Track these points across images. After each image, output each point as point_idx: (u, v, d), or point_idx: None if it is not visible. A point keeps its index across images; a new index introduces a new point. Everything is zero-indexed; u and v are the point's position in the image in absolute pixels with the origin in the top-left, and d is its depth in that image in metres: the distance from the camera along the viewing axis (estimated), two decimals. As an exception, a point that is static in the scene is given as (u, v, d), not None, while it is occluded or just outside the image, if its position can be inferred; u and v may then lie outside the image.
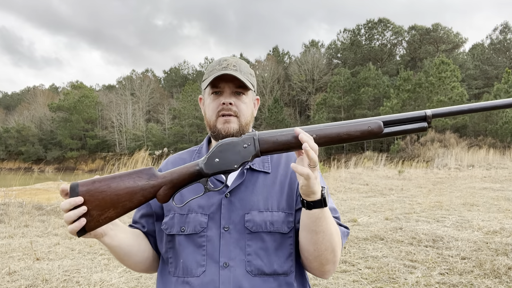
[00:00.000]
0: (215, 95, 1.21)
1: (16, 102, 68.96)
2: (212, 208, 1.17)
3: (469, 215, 6.71)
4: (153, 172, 1.04)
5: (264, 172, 1.22)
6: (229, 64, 1.21)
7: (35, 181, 16.23)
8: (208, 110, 1.24)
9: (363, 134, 1.02)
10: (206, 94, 1.26)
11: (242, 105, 1.22)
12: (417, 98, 31.21)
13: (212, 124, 1.22)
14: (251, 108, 1.27)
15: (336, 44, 51.43)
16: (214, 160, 1.03)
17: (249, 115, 1.25)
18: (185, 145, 42.17)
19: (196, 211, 1.17)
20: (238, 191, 1.17)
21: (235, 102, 1.20)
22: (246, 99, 1.24)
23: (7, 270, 4.05)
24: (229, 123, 1.19)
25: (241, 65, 1.23)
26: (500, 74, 34.73)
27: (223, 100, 1.19)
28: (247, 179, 1.20)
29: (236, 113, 1.20)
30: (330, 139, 1.02)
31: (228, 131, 1.19)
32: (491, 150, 21.62)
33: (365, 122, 1.03)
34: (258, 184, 1.19)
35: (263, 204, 1.16)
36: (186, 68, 64.01)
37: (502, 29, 43.55)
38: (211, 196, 1.18)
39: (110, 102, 52.97)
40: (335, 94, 36.79)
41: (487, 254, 4.42)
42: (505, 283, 3.59)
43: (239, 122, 1.21)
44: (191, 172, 1.04)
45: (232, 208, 1.15)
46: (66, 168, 44.99)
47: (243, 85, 1.20)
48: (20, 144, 51.63)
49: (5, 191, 8.20)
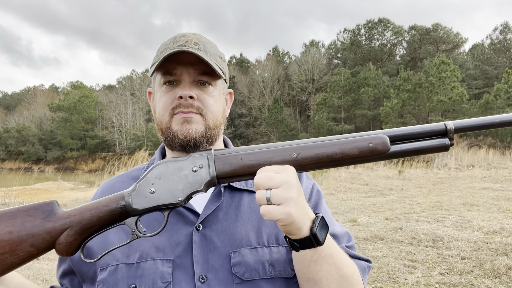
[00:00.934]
0: (169, 86, 0.85)
1: (16, 102, 68.96)
2: (178, 249, 0.80)
3: (469, 215, 6.71)
4: (52, 208, 0.71)
5: (249, 191, 0.90)
6: (188, 41, 0.83)
7: (35, 181, 16.23)
8: (159, 106, 0.87)
9: (363, 153, 0.76)
10: (157, 84, 0.89)
11: (209, 99, 0.86)
12: (417, 98, 31.18)
13: (164, 126, 0.86)
14: (221, 104, 0.91)
15: (336, 44, 51.42)
16: (147, 189, 0.71)
17: (219, 113, 0.89)
18: (185, 145, 42.12)
19: (153, 257, 0.79)
20: (215, 220, 0.83)
21: (198, 95, 0.85)
22: (214, 91, 0.88)
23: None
24: (190, 123, 0.84)
25: (206, 44, 0.87)
26: (500, 74, 34.72)
27: (180, 93, 0.83)
28: (226, 202, 0.86)
29: (199, 109, 0.85)
30: (317, 160, 0.75)
31: (189, 134, 0.83)
32: (491, 150, 21.60)
33: (365, 137, 0.77)
34: (243, 207, 0.86)
35: (256, 236, 0.83)
36: (186, 68, 63.99)
37: (502, 29, 43.53)
38: (174, 230, 0.82)
39: (110, 102, 52.96)
40: (335, 94, 36.77)
41: (487, 254, 4.42)
42: (505, 283, 3.59)
43: (205, 122, 0.86)
44: (111, 210, 0.70)
45: (209, 247, 0.80)
46: (66, 168, 45.00)
47: (209, 70, 0.84)
48: (20, 144, 51.61)
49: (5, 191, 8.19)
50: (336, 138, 0.77)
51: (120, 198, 0.71)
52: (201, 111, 0.85)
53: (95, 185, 10.64)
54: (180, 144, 0.85)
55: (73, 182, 15.18)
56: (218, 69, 0.84)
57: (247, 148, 0.76)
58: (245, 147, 0.78)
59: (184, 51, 0.80)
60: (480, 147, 23.78)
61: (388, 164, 20.14)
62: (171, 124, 0.85)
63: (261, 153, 0.74)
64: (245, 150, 0.75)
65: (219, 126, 0.90)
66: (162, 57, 0.81)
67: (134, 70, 75.38)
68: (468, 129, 0.81)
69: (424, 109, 31.14)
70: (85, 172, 41.76)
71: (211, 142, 0.88)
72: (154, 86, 0.92)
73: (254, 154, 0.74)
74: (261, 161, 0.73)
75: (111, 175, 10.09)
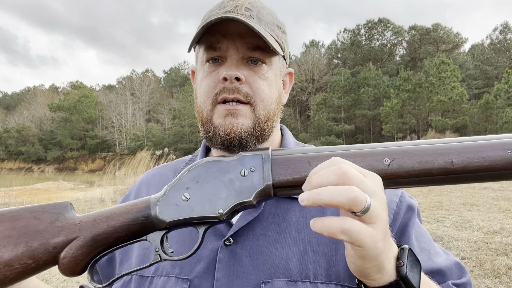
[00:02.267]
0: (213, 65, 0.68)
1: (16, 102, 69.02)
2: (199, 267, 0.64)
3: (469, 215, 6.71)
4: (62, 211, 0.57)
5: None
6: (238, 6, 0.66)
7: (35, 181, 16.25)
8: (200, 90, 0.70)
9: (496, 165, 0.51)
10: (199, 62, 0.72)
11: (260, 83, 0.68)
12: (417, 98, 31.22)
13: (205, 117, 0.69)
14: (276, 89, 0.72)
15: (336, 44, 51.45)
16: (179, 195, 0.55)
17: (272, 100, 0.70)
18: (185, 145, 42.20)
19: (168, 272, 0.65)
20: (251, 235, 0.65)
21: (246, 77, 0.66)
22: (268, 72, 0.69)
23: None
24: (236, 116, 0.66)
25: (261, 10, 0.69)
26: (500, 74, 34.74)
27: (224, 73, 0.65)
28: (269, 212, 0.67)
29: (248, 97, 0.66)
30: (421, 172, 0.52)
31: (233, 130, 0.66)
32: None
33: (498, 141, 0.53)
34: (289, 222, 0.66)
35: (298, 265, 0.62)
36: (186, 68, 64.09)
37: (502, 29, 43.55)
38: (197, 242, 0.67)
39: (110, 102, 53.00)
40: (335, 94, 36.78)
41: (487, 254, 4.42)
42: (505, 283, 3.59)
43: (254, 114, 0.68)
44: (133, 220, 0.55)
45: (237, 270, 0.62)
46: (66, 168, 45.04)
47: (263, 44, 0.65)
48: (20, 144, 51.65)
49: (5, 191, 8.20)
50: (449, 142, 0.54)
51: (146, 205, 0.55)
52: (249, 98, 0.66)
53: (95, 185, 10.64)
54: (221, 142, 0.67)
55: (73, 182, 15.19)
56: (275, 43, 0.66)
57: (317, 149, 0.56)
58: (314, 147, 0.60)
59: (230, 18, 0.61)
60: (480, 147, 23.78)
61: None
62: (213, 115, 0.68)
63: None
64: (315, 151, 0.55)
65: (273, 118, 0.71)
66: (203, 25, 0.63)
67: (134, 70, 75.58)
68: None
69: (424, 109, 31.16)
70: (85, 172, 41.79)
71: (261, 139, 0.69)
72: (196, 64, 0.75)
73: (328, 158, 0.51)
74: None
75: (111, 175, 10.09)
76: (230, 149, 0.68)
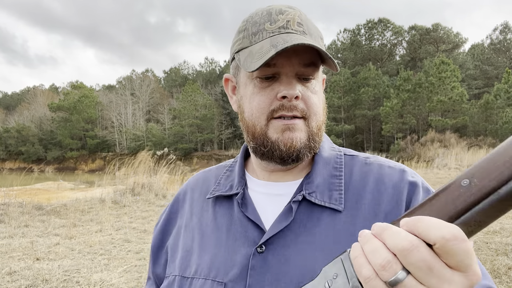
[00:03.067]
0: (265, 81, 0.67)
1: (16, 102, 69.03)
2: (233, 271, 0.66)
3: (469, 215, 6.72)
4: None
5: (331, 209, 0.67)
6: (289, 20, 0.66)
7: (35, 181, 16.26)
8: (251, 105, 0.69)
9: None
10: (244, 76, 0.71)
11: (313, 98, 0.69)
12: (417, 98, 31.23)
13: (258, 132, 0.69)
14: (323, 100, 0.73)
15: (336, 44, 51.46)
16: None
17: (321, 112, 0.72)
18: (185, 145, 42.24)
19: (206, 275, 0.68)
20: (282, 243, 0.66)
21: (302, 94, 0.67)
22: (316, 86, 0.70)
23: (7, 270, 4.05)
24: (294, 131, 0.67)
25: (308, 23, 0.69)
26: (500, 74, 34.75)
27: (284, 92, 0.65)
28: (300, 220, 0.67)
29: (303, 112, 0.67)
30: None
31: (293, 145, 0.67)
32: (491, 150, 21.63)
33: None
34: (321, 231, 0.66)
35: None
36: (186, 68, 64.14)
37: (502, 29, 43.57)
38: (233, 247, 0.69)
39: (110, 102, 53.01)
40: (335, 94, 36.80)
41: (487, 254, 4.42)
42: (505, 283, 3.59)
43: (308, 127, 0.69)
44: None
45: (268, 277, 0.64)
46: (66, 168, 45.07)
47: (315, 60, 0.66)
48: (20, 144, 51.66)
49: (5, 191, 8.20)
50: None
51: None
52: (304, 114, 0.67)
53: (95, 185, 10.64)
54: (281, 156, 0.68)
55: (73, 182, 15.20)
56: (328, 55, 0.64)
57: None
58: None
59: (297, 44, 0.60)
60: (480, 147, 23.81)
61: (388, 164, 20.16)
62: (268, 130, 0.68)
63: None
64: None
65: (322, 127, 0.72)
66: (270, 53, 0.61)
67: (134, 70, 75.62)
68: None
69: (424, 109, 31.17)
70: (85, 172, 41.80)
71: (314, 149, 0.71)
72: (238, 75, 0.73)
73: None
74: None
75: (111, 175, 10.09)
76: (286, 161, 0.69)
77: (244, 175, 0.78)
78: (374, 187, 0.69)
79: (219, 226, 0.72)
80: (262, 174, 0.76)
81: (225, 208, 0.74)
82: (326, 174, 0.72)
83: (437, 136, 28.25)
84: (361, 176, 0.71)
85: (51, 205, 7.57)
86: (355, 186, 0.70)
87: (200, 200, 0.81)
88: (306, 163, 0.76)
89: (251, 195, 0.73)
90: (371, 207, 0.67)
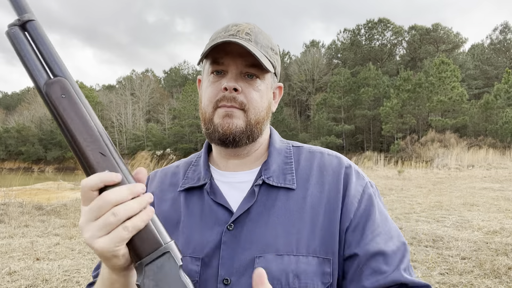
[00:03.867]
0: (216, 76, 0.83)
1: (16, 102, 68.98)
2: (208, 247, 0.78)
3: (469, 215, 6.71)
4: None
5: (286, 188, 0.83)
6: (240, 30, 0.81)
7: (35, 181, 16.24)
8: (204, 96, 0.85)
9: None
10: (205, 73, 0.88)
11: (254, 94, 0.82)
12: (417, 98, 31.20)
13: (207, 118, 0.84)
14: (267, 99, 0.86)
15: (336, 44, 51.46)
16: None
17: (262, 108, 0.85)
18: (185, 145, 42.19)
19: (184, 252, 0.79)
20: (247, 221, 0.79)
21: (242, 88, 0.81)
22: (260, 85, 0.84)
23: (7, 270, 4.05)
24: (231, 117, 0.81)
25: (258, 35, 0.83)
26: (500, 74, 34.74)
27: (225, 84, 0.80)
28: (261, 201, 0.81)
29: (242, 105, 0.81)
30: None
31: (229, 128, 0.81)
32: (491, 150, 21.63)
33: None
34: (276, 208, 0.80)
35: (284, 242, 0.76)
36: (186, 68, 64.13)
37: (502, 29, 43.56)
38: (206, 227, 0.80)
39: (110, 102, 53.00)
40: (335, 94, 36.78)
41: (487, 254, 4.42)
42: (505, 283, 3.59)
43: (246, 118, 0.82)
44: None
45: (237, 249, 0.77)
46: (66, 168, 45.01)
47: (257, 63, 0.80)
48: (20, 144, 51.64)
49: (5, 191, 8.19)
50: None
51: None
52: (243, 106, 0.81)
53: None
54: (219, 138, 0.82)
55: (73, 182, 15.18)
56: (267, 62, 0.81)
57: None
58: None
59: (232, 42, 0.77)
60: (480, 147, 23.80)
61: (388, 164, 20.14)
62: (214, 116, 0.82)
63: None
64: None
65: (262, 122, 0.85)
66: (211, 45, 0.78)
67: (134, 70, 75.59)
68: None
69: (424, 109, 31.15)
70: (85, 172, 41.68)
71: (252, 138, 0.84)
72: (203, 74, 0.90)
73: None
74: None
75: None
76: (226, 144, 0.83)
77: (209, 167, 0.90)
78: (318, 170, 0.85)
79: (192, 213, 0.84)
80: (221, 163, 0.89)
81: (196, 197, 0.86)
82: (280, 162, 0.87)
83: (437, 136, 28.22)
84: (307, 162, 0.87)
85: (51, 205, 7.57)
86: (303, 170, 0.86)
87: (170, 190, 0.91)
88: (257, 155, 0.90)
89: (218, 184, 0.85)
90: (317, 186, 0.83)
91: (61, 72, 0.60)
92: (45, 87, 0.58)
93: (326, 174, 0.85)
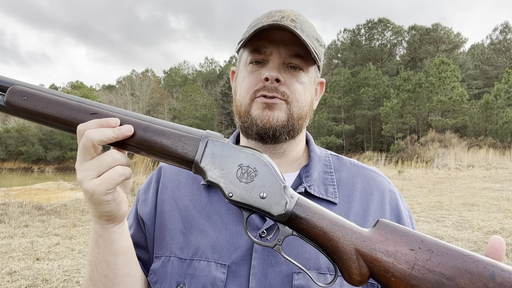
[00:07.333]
0: (255, 66, 0.75)
1: (16, 102, 69.01)
2: (236, 254, 0.70)
3: (469, 215, 6.71)
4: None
5: (327, 201, 0.74)
6: (284, 17, 0.72)
7: (35, 181, 16.25)
8: (241, 87, 0.77)
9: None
10: (242, 63, 0.79)
11: (297, 86, 0.75)
12: (417, 98, 31.21)
13: (243, 110, 0.76)
14: (310, 94, 0.79)
15: (336, 44, 51.45)
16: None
17: (306, 103, 0.77)
18: (185, 145, 42.13)
19: (208, 257, 0.70)
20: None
21: (286, 80, 0.73)
22: (304, 78, 0.76)
23: (7, 270, 4.05)
24: (273, 109, 0.73)
25: (304, 23, 0.74)
26: (500, 74, 34.74)
27: (266, 74, 0.72)
28: None
29: (285, 95, 0.73)
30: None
31: (269, 121, 0.73)
32: (491, 150, 21.61)
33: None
34: None
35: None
36: (186, 68, 64.13)
37: (502, 29, 43.56)
38: (235, 231, 0.71)
39: (110, 102, 52.98)
40: (335, 94, 36.78)
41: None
42: (505, 283, 3.59)
43: (289, 110, 0.74)
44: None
45: (271, 260, 0.68)
46: (66, 168, 44.99)
47: (303, 53, 0.73)
48: (20, 144, 51.64)
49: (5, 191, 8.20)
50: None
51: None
52: (286, 97, 0.73)
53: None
54: (257, 132, 0.74)
55: (73, 182, 15.17)
56: (314, 52, 0.73)
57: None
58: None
59: (279, 26, 0.69)
60: (480, 147, 23.79)
61: (388, 164, 20.14)
62: (251, 108, 0.74)
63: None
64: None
65: (304, 119, 0.78)
66: (253, 31, 0.70)
67: (134, 70, 75.56)
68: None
69: (424, 109, 31.15)
70: (85, 172, 41.64)
71: (292, 135, 0.77)
72: (239, 65, 0.82)
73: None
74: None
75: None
76: (264, 139, 0.76)
77: None
78: (362, 187, 0.79)
79: (217, 211, 0.74)
80: None
81: (220, 194, 0.76)
82: (320, 170, 0.79)
83: (437, 136, 28.22)
84: (349, 176, 0.80)
85: (51, 205, 7.57)
86: (345, 184, 0.78)
87: (188, 183, 0.81)
88: (294, 157, 0.82)
89: None
90: (361, 205, 0.76)
91: (6, 84, 0.64)
92: (6, 103, 0.63)
93: (371, 193, 0.78)
